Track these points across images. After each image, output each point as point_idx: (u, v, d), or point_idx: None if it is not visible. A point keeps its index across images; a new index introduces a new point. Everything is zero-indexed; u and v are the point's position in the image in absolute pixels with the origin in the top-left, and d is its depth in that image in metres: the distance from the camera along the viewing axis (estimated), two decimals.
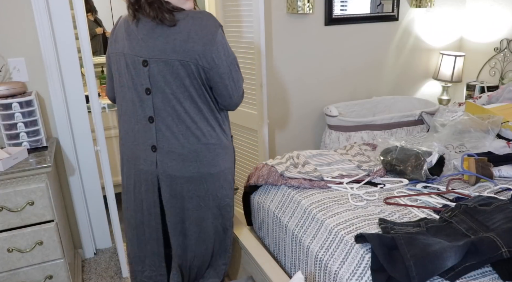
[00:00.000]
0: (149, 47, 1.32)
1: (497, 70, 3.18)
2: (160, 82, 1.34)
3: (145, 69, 1.34)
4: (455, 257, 1.17)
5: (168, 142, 1.40)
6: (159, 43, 1.30)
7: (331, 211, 1.57)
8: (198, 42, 1.29)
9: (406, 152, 1.82)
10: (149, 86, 1.36)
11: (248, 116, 2.51)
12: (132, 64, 1.37)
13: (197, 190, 1.47)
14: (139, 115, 1.41)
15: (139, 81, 1.37)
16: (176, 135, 1.40)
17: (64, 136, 2.29)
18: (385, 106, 3.22)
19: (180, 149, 1.41)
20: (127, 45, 1.36)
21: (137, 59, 1.35)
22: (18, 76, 2.12)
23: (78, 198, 2.43)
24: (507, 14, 3.07)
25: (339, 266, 1.37)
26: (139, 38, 1.34)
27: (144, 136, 1.43)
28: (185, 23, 1.29)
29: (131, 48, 1.35)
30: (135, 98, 1.40)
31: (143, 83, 1.36)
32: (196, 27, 1.29)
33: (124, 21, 1.41)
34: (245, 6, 2.32)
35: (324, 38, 3.01)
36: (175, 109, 1.37)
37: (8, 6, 2.03)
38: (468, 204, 1.45)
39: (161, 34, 1.30)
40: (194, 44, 1.29)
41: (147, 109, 1.39)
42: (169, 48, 1.30)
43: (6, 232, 1.79)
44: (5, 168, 1.75)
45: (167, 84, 1.34)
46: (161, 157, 1.42)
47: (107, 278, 2.34)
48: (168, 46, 1.30)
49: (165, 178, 1.45)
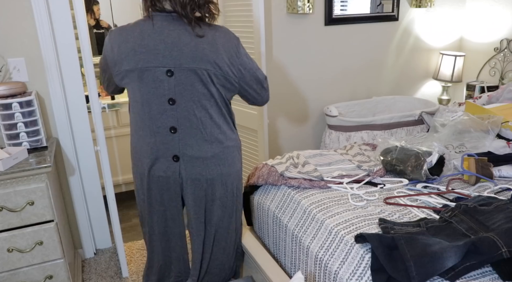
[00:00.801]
0: (174, 56, 1.30)
1: (497, 70, 3.18)
2: (186, 91, 1.34)
3: (170, 79, 1.33)
4: (455, 257, 1.17)
5: (192, 149, 1.41)
6: (187, 51, 1.30)
7: (331, 211, 1.57)
8: (225, 53, 1.33)
9: (406, 152, 1.82)
10: (172, 96, 1.35)
11: (248, 116, 2.51)
12: (151, 77, 1.33)
13: (219, 191, 1.51)
14: (159, 128, 1.40)
15: (160, 92, 1.35)
16: (200, 142, 1.41)
17: (64, 136, 2.29)
18: (385, 106, 3.22)
19: (203, 154, 1.43)
20: (144, 58, 1.32)
21: (160, 70, 1.32)
22: (18, 76, 2.12)
23: (78, 198, 2.43)
24: (507, 14, 3.07)
25: (339, 266, 1.37)
26: (161, 46, 1.30)
27: (164, 147, 1.42)
28: (212, 34, 1.33)
29: (150, 61, 1.31)
30: (154, 110, 1.38)
31: (165, 94, 1.35)
32: (222, 39, 1.34)
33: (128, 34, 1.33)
34: (245, 6, 2.32)
35: (324, 38, 3.01)
36: (199, 117, 1.38)
37: (8, 6, 2.03)
38: (468, 204, 1.45)
39: (189, 43, 1.30)
40: (222, 55, 1.33)
41: (168, 120, 1.38)
42: (198, 57, 1.30)
43: (6, 232, 1.79)
44: (5, 168, 1.75)
45: (194, 92, 1.34)
46: (184, 165, 1.43)
47: (107, 278, 2.34)
48: (197, 54, 1.30)
49: (189, 184, 1.47)
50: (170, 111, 1.37)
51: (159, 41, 1.30)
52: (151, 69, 1.32)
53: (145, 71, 1.33)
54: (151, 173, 1.47)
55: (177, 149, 1.41)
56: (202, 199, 1.50)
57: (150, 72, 1.33)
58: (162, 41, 1.30)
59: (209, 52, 1.31)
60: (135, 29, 1.33)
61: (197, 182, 1.46)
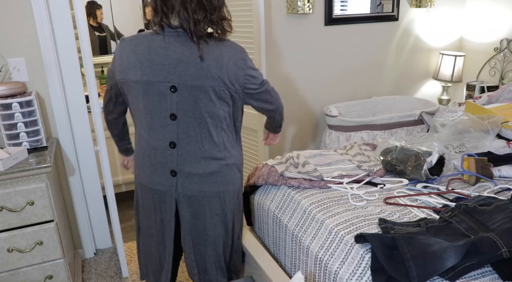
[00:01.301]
0: (179, 73, 1.30)
1: (497, 70, 3.18)
2: (188, 107, 1.33)
3: (173, 95, 1.33)
4: (455, 257, 1.17)
5: (190, 165, 1.41)
6: (192, 68, 1.29)
7: (331, 211, 1.57)
8: (231, 67, 1.31)
9: (406, 152, 1.82)
10: (175, 112, 1.35)
11: (248, 116, 2.51)
12: (155, 91, 1.33)
13: (216, 208, 1.49)
14: (159, 141, 1.40)
15: (163, 107, 1.35)
16: (198, 159, 1.40)
17: (64, 136, 2.29)
18: (385, 106, 3.22)
19: (201, 171, 1.42)
20: (150, 72, 1.31)
21: (164, 85, 1.32)
22: (18, 76, 2.12)
23: (78, 198, 2.43)
24: (507, 14, 3.07)
25: (339, 266, 1.37)
26: (167, 62, 1.30)
27: (163, 161, 1.41)
28: (219, 49, 1.31)
29: (154, 74, 1.31)
30: (156, 125, 1.38)
31: (168, 109, 1.35)
32: (228, 54, 1.32)
33: (137, 45, 1.33)
34: (245, 6, 2.32)
35: (324, 38, 3.01)
36: (199, 134, 1.37)
37: (8, 6, 2.03)
38: (468, 204, 1.45)
39: (194, 60, 1.29)
40: (228, 69, 1.31)
41: (168, 134, 1.38)
42: (202, 74, 1.29)
43: (6, 232, 1.79)
44: (5, 168, 1.75)
45: (196, 109, 1.34)
46: (181, 180, 1.43)
47: (107, 278, 2.34)
48: (202, 71, 1.29)
49: (185, 200, 1.46)
50: (171, 127, 1.37)
51: (164, 56, 1.30)
52: (155, 84, 1.32)
53: (149, 84, 1.33)
54: (149, 185, 1.48)
55: (175, 164, 1.41)
56: (198, 215, 1.49)
57: (154, 87, 1.33)
58: (168, 56, 1.30)
59: (214, 68, 1.30)
60: (144, 42, 1.33)
61: (194, 198, 1.45)
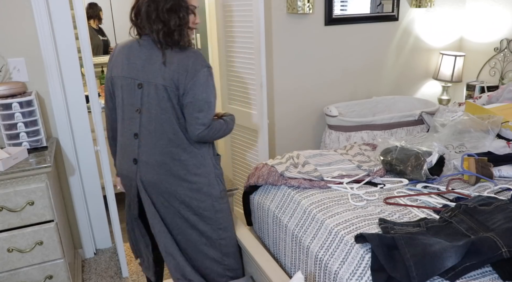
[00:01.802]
0: (146, 71, 1.51)
1: (497, 70, 3.18)
2: (149, 103, 1.53)
3: (139, 91, 1.53)
4: (455, 257, 1.17)
5: (147, 156, 1.57)
6: (155, 69, 1.50)
7: (331, 211, 1.57)
8: (182, 74, 1.47)
9: (406, 152, 1.82)
10: (139, 106, 1.54)
11: (248, 116, 2.51)
12: (127, 86, 1.55)
13: (170, 200, 1.61)
14: (128, 132, 1.60)
15: (132, 101, 1.55)
16: (154, 151, 1.56)
17: (64, 136, 2.29)
18: (385, 106, 3.22)
19: (156, 161, 1.57)
20: (126, 69, 1.55)
21: (133, 82, 1.54)
22: (18, 76, 2.12)
23: (78, 198, 2.43)
24: (507, 14, 3.07)
25: (339, 266, 1.37)
26: (138, 63, 1.53)
27: (129, 150, 1.61)
28: (179, 56, 1.49)
29: (129, 72, 1.54)
30: (126, 116, 1.59)
31: (134, 103, 1.55)
32: (185, 62, 1.48)
33: (123, 47, 1.58)
34: (245, 6, 2.32)
35: (324, 38, 3.01)
36: (155, 127, 1.54)
37: (8, 6, 2.03)
38: (468, 204, 1.45)
39: (156, 62, 1.50)
40: (179, 75, 1.47)
41: (133, 126, 1.57)
42: (160, 74, 1.49)
43: (6, 232, 1.79)
44: (5, 168, 1.75)
45: (154, 105, 1.52)
46: (140, 168, 1.59)
47: (107, 278, 2.34)
48: (160, 73, 1.49)
49: (143, 187, 1.61)
50: (136, 119, 1.56)
51: (137, 57, 1.53)
52: (128, 79, 1.55)
53: (125, 79, 1.56)
54: (120, 171, 1.69)
55: (136, 153, 1.58)
56: (154, 203, 1.63)
57: (127, 82, 1.55)
58: (139, 58, 1.53)
59: (169, 71, 1.48)
60: (129, 44, 1.57)
61: (150, 187, 1.60)
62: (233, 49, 2.52)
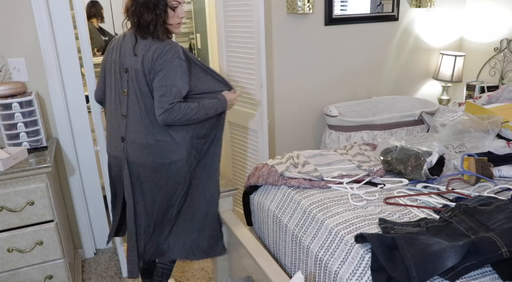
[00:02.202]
0: (131, 58, 1.67)
1: (497, 70, 3.18)
2: (133, 86, 1.67)
3: (126, 75, 1.69)
4: (455, 257, 1.17)
5: (133, 135, 1.70)
6: (137, 56, 1.65)
7: (331, 211, 1.57)
8: (156, 61, 1.62)
9: (406, 152, 1.82)
10: (126, 89, 1.69)
11: (248, 116, 2.51)
12: (118, 70, 1.71)
13: (152, 176, 1.72)
14: (117, 112, 1.74)
15: (121, 84, 1.71)
16: (140, 130, 1.69)
17: (64, 136, 2.29)
18: (385, 106, 3.22)
19: (140, 141, 1.69)
20: (118, 55, 1.71)
21: (122, 67, 1.70)
22: (18, 76, 2.12)
23: (78, 198, 2.43)
24: (507, 14, 3.07)
25: (339, 266, 1.37)
26: (126, 50, 1.69)
27: (117, 129, 1.74)
28: (157, 45, 1.63)
29: (119, 57, 1.70)
30: (116, 98, 1.74)
31: (123, 86, 1.70)
32: (160, 50, 1.62)
33: (119, 37, 1.75)
34: (245, 6, 2.32)
35: (324, 38, 3.01)
36: (140, 109, 1.68)
37: (8, 6, 2.03)
38: (468, 204, 1.45)
39: (139, 49, 1.66)
40: (152, 61, 1.63)
41: (122, 107, 1.72)
42: (139, 60, 1.65)
43: (6, 232, 1.79)
44: (5, 168, 1.75)
45: (136, 88, 1.67)
46: (127, 146, 1.71)
47: (107, 278, 2.35)
48: (139, 59, 1.65)
49: (128, 164, 1.72)
50: (124, 101, 1.70)
51: (125, 46, 1.70)
52: (117, 64, 1.71)
53: (113, 64, 1.73)
54: (108, 150, 1.80)
55: (123, 132, 1.71)
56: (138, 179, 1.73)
57: (116, 66, 1.72)
58: (127, 46, 1.70)
59: (147, 58, 1.63)
60: (122, 35, 1.75)
61: (134, 164, 1.71)
62: (233, 49, 2.52)
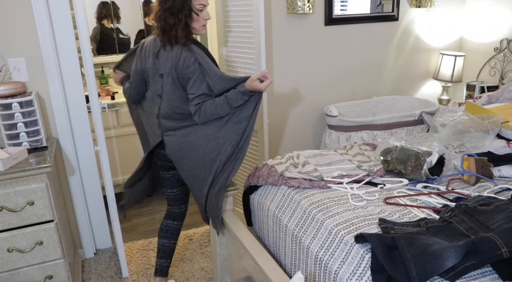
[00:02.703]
0: (165, 65, 1.82)
1: (497, 70, 3.18)
2: (167, 90, 1.84)
3: (160, 80, 1.86)
4: (455, 257, 1.17)
5: (167, 128, 1.90)
6: (169, 63, 1.81)
7: (331, 211, 1.57)
8: (185, 67, 1.77)
9: (406, 152, 1.82)
10: (160, 93, 1.87)
11: None
12: (153, 76, 1.89)
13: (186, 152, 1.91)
14: (152, 113, 1.94)
15: (156, 88, 1.89)
16: (170, 125, 1.89)
17: (64, 136, 2.29)
18: (385, 106, 3.22)
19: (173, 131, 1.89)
20: (152, 62, 1.87)
21: (157, 73, 1.86)
22: (18, 76, 2.12)
23: (78, 198, 2.43)
24: (507, 14, 3.07)
25: (339, 266, 1.37)
26: (160, 58, 1.83)
27: (153, 126, 1.96)
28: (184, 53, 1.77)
29: (155, 64, 1.86)
30: (150, 100, 1.94)
31: (157, 90, 1.88)
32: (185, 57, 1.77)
33: (150, 43, 1.88)
34: (245, 6, 2.32)
35: (324, 38, 3.01)
36: (171, 110, 1.85)
37: (8, 6, 2.03)
38: (468, 204, 1.45)
39: (170, 57, 1.81)
40: (183, 68, 1.77)
41: (155, 109, 1.91)
42: (173, 67, 1.80)
43: (6, 232, 1.79)
44: (5, 168, 1.75)
45: (169, 92, 1.84)
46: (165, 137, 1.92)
47: (107, 278, 2.35)
48: (173, 66, 1.80)
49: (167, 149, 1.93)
50: (157, 103, 1.89)
51: (158, 52, 1.84)
52: (154, 71, 1.87)
53: (149, 70, 1.89)
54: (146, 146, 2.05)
55: (158, 128, 1.92)
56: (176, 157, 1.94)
57: (152, 73, 1.89)
58: (159, 52, 1.84)
59: (176, 66, 1.78)
60: (151, 42, 1.89)
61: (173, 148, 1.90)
62: (233, 49, 2.52)
